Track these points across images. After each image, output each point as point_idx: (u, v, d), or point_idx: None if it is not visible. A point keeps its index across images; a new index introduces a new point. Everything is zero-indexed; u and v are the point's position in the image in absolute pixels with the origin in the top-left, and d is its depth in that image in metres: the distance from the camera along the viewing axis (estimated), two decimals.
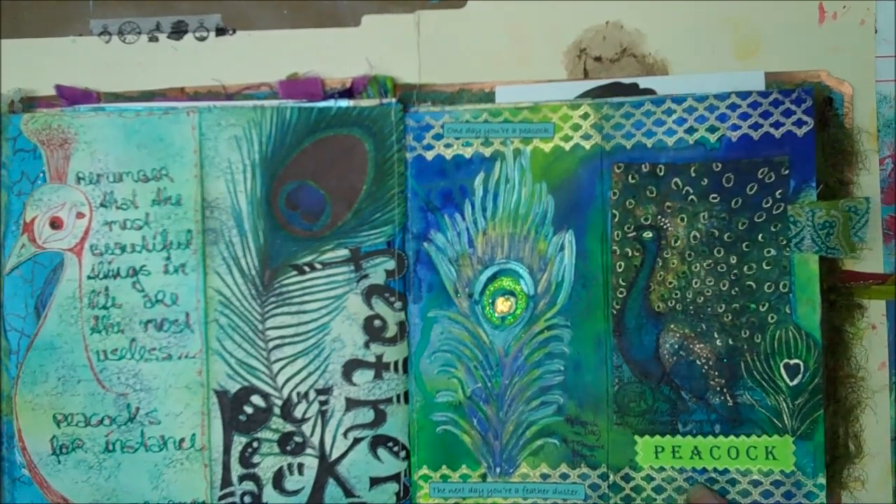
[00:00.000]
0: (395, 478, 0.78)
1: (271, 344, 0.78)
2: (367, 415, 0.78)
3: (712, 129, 0.75)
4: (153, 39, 0.80)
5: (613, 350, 0.77)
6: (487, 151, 0.78)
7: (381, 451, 0.78)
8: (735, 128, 0.75)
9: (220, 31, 0.80)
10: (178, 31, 0.80)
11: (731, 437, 0.75)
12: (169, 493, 0.78)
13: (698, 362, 0.76)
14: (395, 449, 0.78)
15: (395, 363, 0.78)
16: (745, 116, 0.75)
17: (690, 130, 0.76)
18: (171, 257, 0.78)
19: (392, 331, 0.78)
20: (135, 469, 0.77)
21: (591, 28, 0.79)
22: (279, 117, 0.78)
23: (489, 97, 0.79)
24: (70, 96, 0.79)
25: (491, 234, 0.78)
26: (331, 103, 0.78)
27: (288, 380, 0.78)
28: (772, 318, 0.75)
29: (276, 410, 0.78)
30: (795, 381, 0.74)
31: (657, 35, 0.78)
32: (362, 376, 0.78)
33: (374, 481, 0.78)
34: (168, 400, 0.78)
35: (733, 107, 0.75)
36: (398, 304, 0.78)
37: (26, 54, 0.80)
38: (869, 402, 0.77)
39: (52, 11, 0.80)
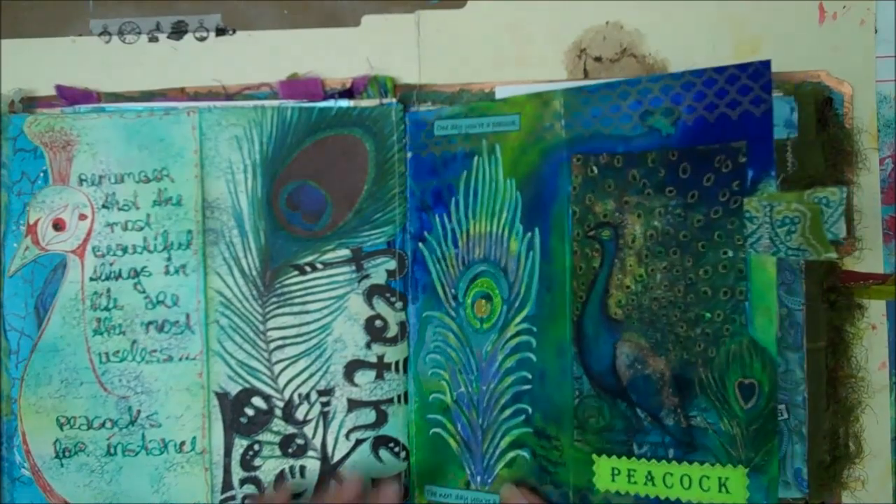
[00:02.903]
0: (395, 478, 0.78)
1: (272, 345, 0.78)
2: (369, 415, 0.78)
3: (667, 113, 0.70)
4: (153, 39, 0.80)
5: (574, 360, 0.72)
6: (468, 147, 0.77)
7: (383, 452, 0.78)
8: (690, 109, 0.69)
9: (220, 31, 0.80)
10: (178, 31, 0.80)
11: (685, 464, 0.69)
12: (170, 497, 0.77)
13: (653, 377, 0.70)
14: (396, 449, 0.78)
15: (396, 363, 0.78)
16: (700, 96, 0.69)
17: (646, 115, 0.70)
18: (172, 258, 0.77)
19: (393, 331, 0.78)
20: (136, 472, 0.77)
21: (591, 28, 0.79)
22: (280, 117, 0.78)
23: (489, 97, 0.79)
24: (70, 96, 0.79)
25: (472, 234, 0.77)
26: (331, 103, 0.78)
27: (289, 381, 0.78)
28: (727, 329, 0.68)
29: (278, 412, 0.78)
30: (750, 404, 0.67)
31: (657, 35, 0.79)
32: (364, 377, 0.78)
33: (376, 482, 0.78)
34: (169, 402, 0.77)
35: (688, 85, 0.69)
36: (399, 304, 0.78)
37: (26, 54, 0.80)
38: (869, 402, 0.77)
39: (52, 11, 0.80)
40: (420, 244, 0.78)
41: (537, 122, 0.74)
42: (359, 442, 0.78)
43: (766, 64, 0.67)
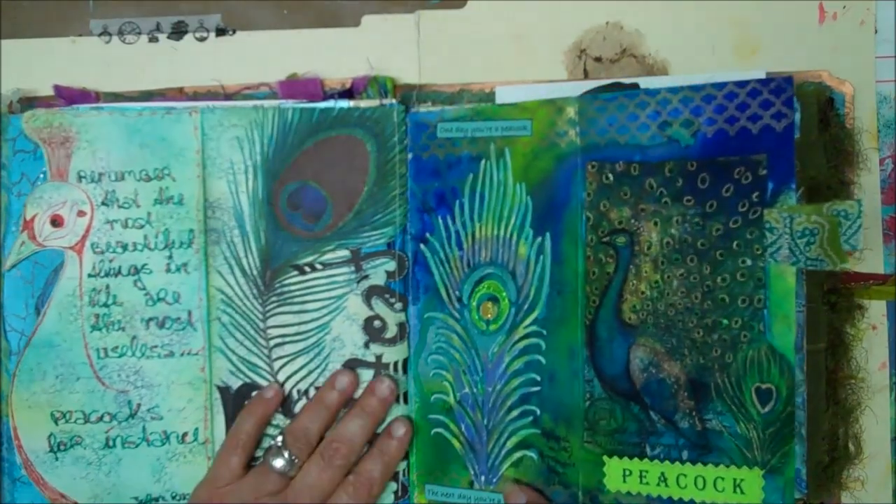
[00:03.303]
0: (394, 477, 0.78)
1: (272, 342, 0.78)
2: None
3: (687, 124, 0.70)
4: (153, 39, 0.80)
5: (586, 363, 0.73)
6: (474, 151, 0.76)
7: None
8: (711, 122, 0.69)
9: (220, 32, 0.80)
10: (178, 32, 0.80)
11: (699, 466, 0.69)
12: (172, 486, 0.78)
13: (668, 381, 0.71)
14: None
15: (395, 363, 0.78)
16: (720, 109, 0.69)
17: (664, 125, 0.70)
18: (173, 256, 0.78)
19: (392, 331, 0.78)
20: (136, 463, 0.78)
21: (591, 28, 0.79)
22: (281, 118, 0.78)
23: (489, 97, 0.79)
24: (68, 96, 0.79)
25: (478, 237, 0.77)
26: (331, 104, 0.78)
27: (289, 377, 0.78)
28: (744, 336, 0.68)
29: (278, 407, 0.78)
30: (767, 409, 0.67)
31: (657, 35, 0.78)
32: (362, 376, 0.78)
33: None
34: (170, 396, 0.78)
35: (708, 98, 0.69)
36: (398, 305, 0.78)
37: (26, 54, 0.80)
38: (869, 403, 0.77)
39: (52, 11, 0.80)
40: (422, 245, 0.78)
41: (550, 129, 0.74)
42: None
43: (789, 80, 0.67)
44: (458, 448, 0.77)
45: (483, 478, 0.76)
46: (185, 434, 0.78)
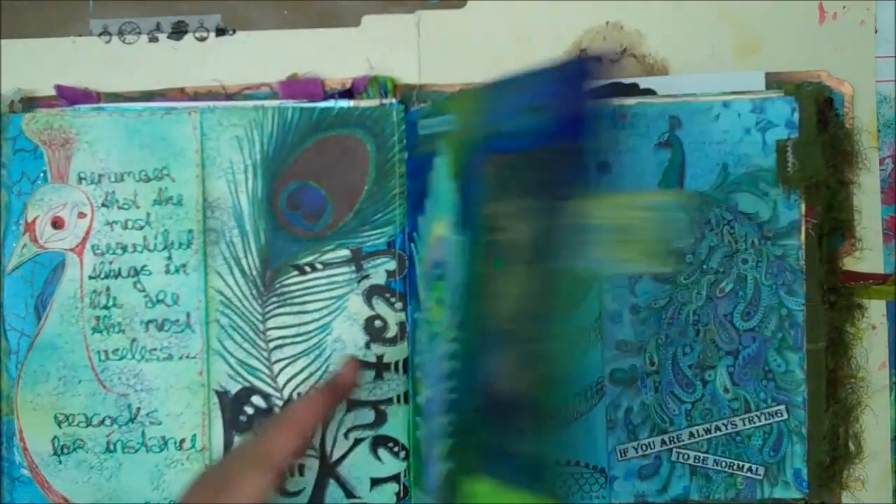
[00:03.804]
0: (395, 478, 0.78)
1: (272, 344, 0.78)
2: (368, 415, 0.78)
3: (534, 111, 0.62)
4: (153, 39, 0.80)
5: (475, 372, 0.65)
6: (432, 148, 0.73)
7: (382, 452, 0.78)
8: (550, 108, 0.61)
9: (220, 32, 0.80)
10: (178, 32, 0.80)
11: (532, 492, 0.59)
12: (170, 494, 0.78)
13: (512, 397, 0.61)
14: (396, 449, 0.78)
15: (396, 363, 0.78)
16: (561, 93, 0.61)
17: (526, 111, 0.63)
18: (173, 257, 0.78)
19: (393, 331, 0.78)
20: (135, 469, 0.77)
21: (591, 28, 0.79)
22: (281, 118, 0.78)
23: None
24: (70, 96, 0.79)
25: (435, 236, 0.74)
26: (331, 104, 0.78)
27: (289, 380, 0.78)
28: (567, 349, 0.59)
29: (277, 411, 0.78)
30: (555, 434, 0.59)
31: (657, 35, 0.79)
32: (363, 376, 0.78)
33: (375, 482, 0.78)
34: (169, 400, 0.78)
35: (547, 82, 0.62)
36: (399, 305, 0.78)
37: (26, 54, 0.80)
38: (869, 403, 0.77)
39: (52, 11, 0.80)
40: (411, 245, 0.78)
41: (466, 121, 0.70)
42: (357, 441, 0.78)
43: (590, 59, 0.61)
44: (424, 452, 0.76)
45: (430, 485, 0.73)
46: (182, 440, 0.78)
